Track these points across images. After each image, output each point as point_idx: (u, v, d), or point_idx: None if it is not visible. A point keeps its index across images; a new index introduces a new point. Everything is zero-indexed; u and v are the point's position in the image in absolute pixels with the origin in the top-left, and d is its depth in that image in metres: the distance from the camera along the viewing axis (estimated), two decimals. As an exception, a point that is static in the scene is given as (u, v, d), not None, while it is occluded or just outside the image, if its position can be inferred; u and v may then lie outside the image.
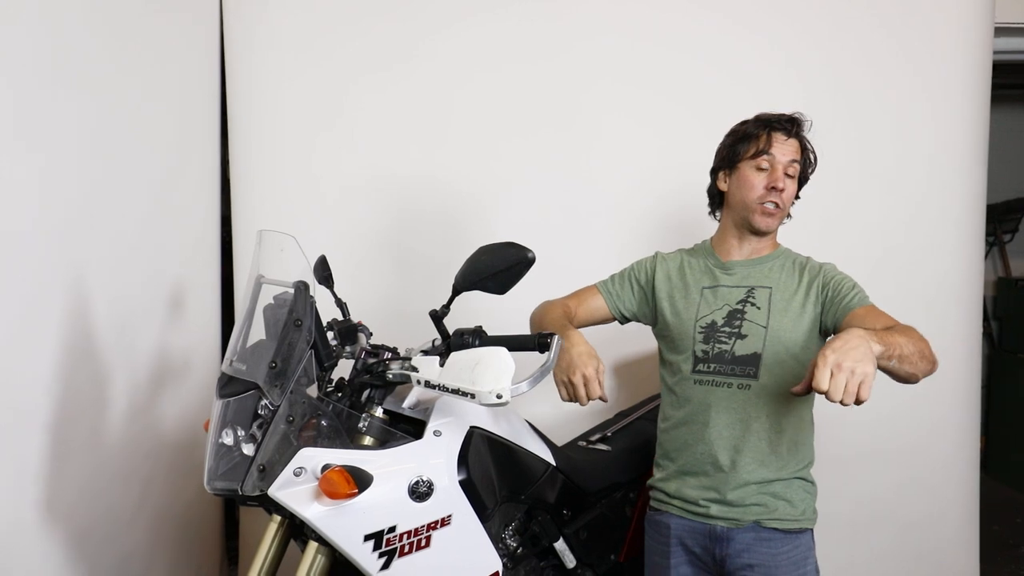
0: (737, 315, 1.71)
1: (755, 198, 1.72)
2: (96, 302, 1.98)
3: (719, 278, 1.77)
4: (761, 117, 1.77)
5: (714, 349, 1.71)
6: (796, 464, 1.69)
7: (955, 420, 2.71)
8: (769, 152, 1.71)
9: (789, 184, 1.72)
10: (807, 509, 1.70)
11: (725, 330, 1.71)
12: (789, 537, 1.66)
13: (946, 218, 2.65)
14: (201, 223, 2.61)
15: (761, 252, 1.78)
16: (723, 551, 1.68)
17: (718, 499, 1.68)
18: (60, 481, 1.86)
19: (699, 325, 1.74)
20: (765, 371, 1.66)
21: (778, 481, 1.66)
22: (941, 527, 2.72)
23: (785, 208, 1.74)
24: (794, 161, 1.72)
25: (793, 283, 1.72)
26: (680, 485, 1.75)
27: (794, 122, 1.75)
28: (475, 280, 1.50)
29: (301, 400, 1.45)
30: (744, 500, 1.66)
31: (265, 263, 1.59)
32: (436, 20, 2.62)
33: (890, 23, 2.62)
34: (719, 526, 1.68)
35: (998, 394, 4.74)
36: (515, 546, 1.76)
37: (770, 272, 1.74)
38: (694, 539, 1.72)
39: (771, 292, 1.71)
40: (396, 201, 2.64)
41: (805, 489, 1.70)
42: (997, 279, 5.02)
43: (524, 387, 1.37)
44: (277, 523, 1.55)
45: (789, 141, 1.72)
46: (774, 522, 1.65)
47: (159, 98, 2.31)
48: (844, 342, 1.29)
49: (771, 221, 1.73)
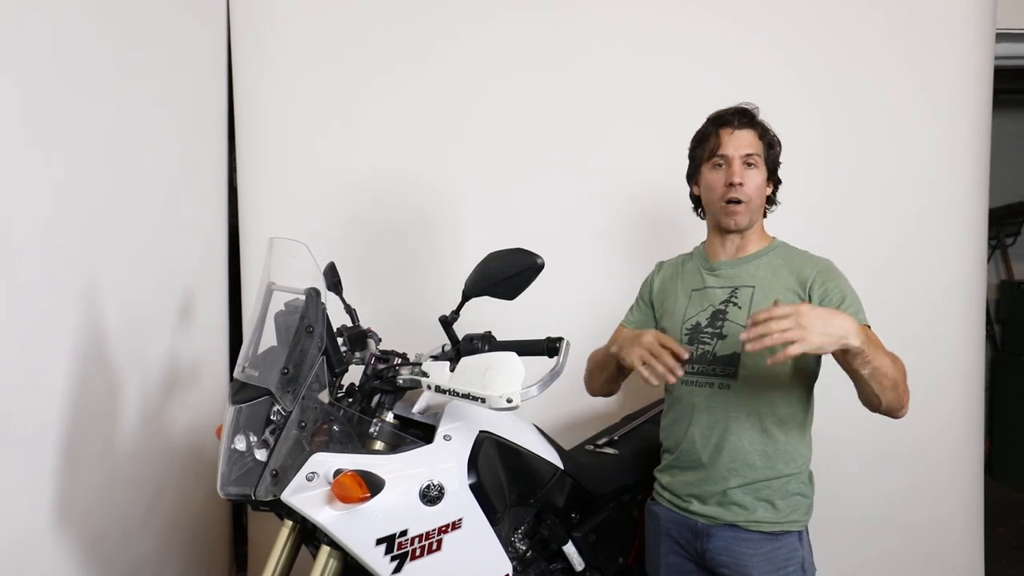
0: (719, 316, 1.71)
1: (717, 197, 1.72)
2: (108, 309, 2.00)
3: (706, 280, 1.78)
4: (712, 115, 1.77)
5: (698, 350, 1.71)
6: (782, 466, 1.66)
7: (959, 423, 2.71)
8: (721, 149, 1.71)
9: (751, 175, 1.70)
10: (794, 511, 1.67)
11: (708, 331, 1.71)
12: (769, 538, 1.65)
13: (949, 222, 2.66)
14: (209, 229, 2.63)
15: (747, 249, 1.76)
16: (703, 546, 1.70)
17: (699, 496, 1.70)
18: (73, 488, 1.87)
19: (685, 327, 1.75)
20: (744, 371, 1.65)
21: (761, 483, 1.65)
22: (946, 530, 2.72)
23: (752, 200, 1.70)
24: (750, 152, 1.70)
25: (779, 282, 1.68)
26: (671, 479, 1.78)
27: (743, 112, 1.73)
28: (485, 286, 1.52)
29: (313, 406, 1.46)
30: (723, 500, 1.67)
31: (276, 270, 1.61)
32: (444, 25, 2.64)
33: (893, 29, 2.63)
34: (700, 522, 1.70)
35: (1001, 397, 4.74)
36: (524, 549, 1.77)
37: (756, 271, 1.72)
38: (679, 531, 1.75)
39: (754, 291, 1.69)
40: (404, 207, 2.66)
41: (792, 491, 1.67)
42: (1000, 282, 5.03)
43: (534, 391, 1.39)
44: (289, 528, 1.57)
45: (742, 133, 1.71)
46: (752, 524, 1.65)
47: (169, 106, 2.33)
48: (831, 312, 1.38)
49: (739, 218, 1.70)
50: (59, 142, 1.82)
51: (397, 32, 2.64)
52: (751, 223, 1.73)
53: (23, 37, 1.69)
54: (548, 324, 1.99)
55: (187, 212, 2.46)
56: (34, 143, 1.73)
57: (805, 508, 1.70)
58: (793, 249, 1.77)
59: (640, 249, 2.64)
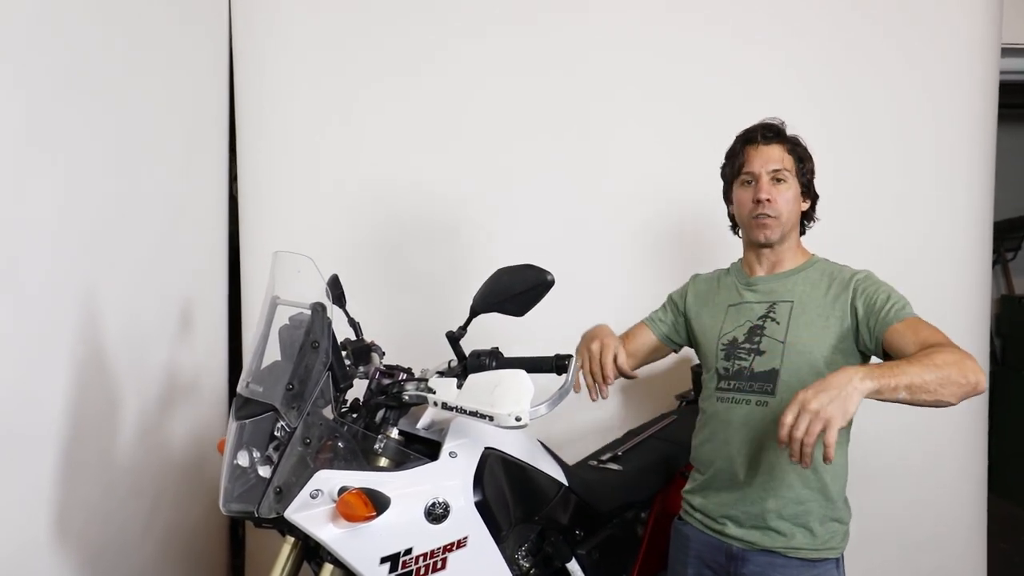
0: (757, 331, 1.68)
1: (747, 214, 1.71)
2: (108, 320, 1.98)
3: (744, 295, 1.75)
4: (740, 133, 1.77)
5: (734, 366, 1.68)
6: (822, 490, 1.62)
7: (962, 439, 2.70)
8: (748, 166, 1.70)
9: (780, 190, 1.68)
10: (832, 538, 1.63)
11: (745, 346, 1.68)
12: (807, 565, 1.61)
13: (955, 237, 2.66)
14: (210, 240, 2.62)
15: (784, 265, 1.73)
16: (737, 570, 1.65)
17: (734, 518, 1.66)
18: (72, 500, 1.85)
19: (721, 342, 1.73)
20: (784, 387, 1.60)
21: (799, 506, 1.61)
22: (948, 547, 2.71)
23: (782, 216, 1.68)
24: (778, 168, 1.69)
25: (818, 295, 1.65)
26: (704, 500, 1.73)
27: (768, 127, 1.73)
28: (494, 302, 1.51)
29: (318, 422, 1.44)
30: (761, 524, 1.63)
31: (280, 284, 1.59)
32: (446, 33, 2.63)
33: (901, 44, 2.64)
34: (735, 546, 1.65)
35: (1001, 411, 4.70)
36: (528, 567, 1.75)
37: (794, 286, 1.69)
38: (711, 554, 1.70)
39: (792, 306, 1.66)
40: (406, 217, 2.65)
41: (831, 516, 1.63)
42: (1000, 296, 5.03)
43: (543, 410, 1.37)
44: (291, 545, 1.54)
45: (769, 148, 1.70)
46: (791, 551, 1.61)
47: (170, 114, 2.32)
48: (825, 380, 1.29)
49: (769, 232, 1.69)
50: (61, 152, 1.81)
51: (399, 39, 2.63)
52: (783, 237, 1.71)
53: (31, 53, 1.68)
54: (552, 338, 1.98)
55: (188, 222, 2.45)
56: (36, 145, 1.72)
57: (842, 535, 1.66)
58: (832, 264, 1.74)
59: (648, 258, 2.64)
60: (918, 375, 1.33)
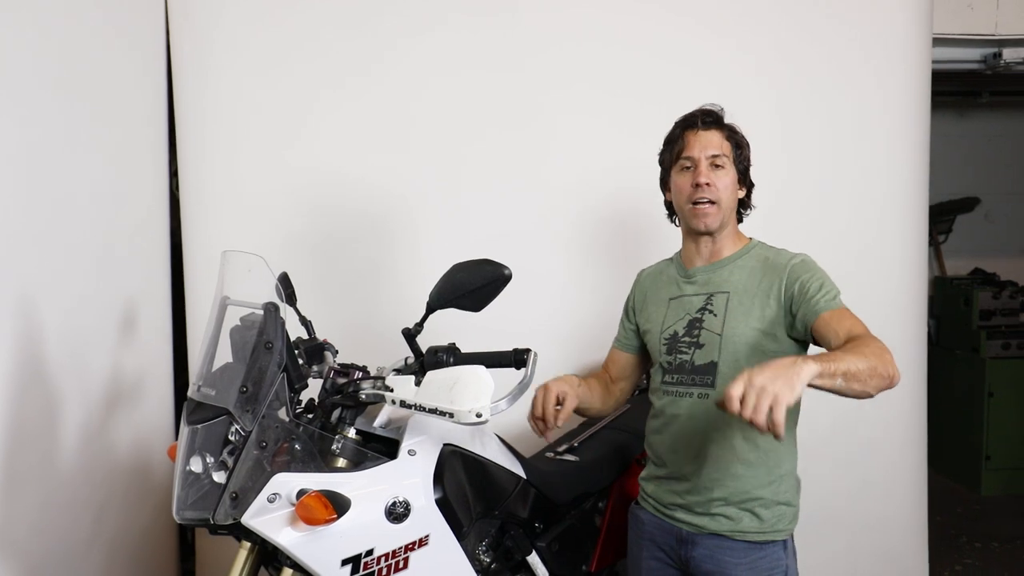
0: (696, 324, 1.70)
1: (685, 200, 1.71)
2: (45, 323, 1.91)
3: (683, 288, 1.77)
4: (678, 119, 1.78)
5: (676, 360, 1.71)
6: (765, 472, 1.66)
7: (903, 421, 2.80)
8: (687, 151, 1.71)
9: (719, 176, 1.68)
10: (779, 520, 1.66)
11: (685, 340, 1.71)
12: (754, 547, 1.65)
13: (892, 220, 2.73)
14: (151, 239, 2.54)
15: (722, 253, 1.74)
16: (687, 553, 1.69)
17: (683, 505, 1.70)
18: (10, 512, 1.79)
19: (663, 337, 1.75)
20: (723, 380, 1.63)
21: (745, 492, 1.65)
22: (893, 526, 2.79)
23: (722, 201, 1.69)
24: (717, 153, 1.69)
25: (753, 284, 1.67)
26: (656, 488, 1.77)
27: (708, 113, 1.73)
28: (450, 298, 1.50)
29: (273, 424, 1.42)
30: (708, 510, 1.67)
31: (230, 284, 1.55)
32: (391, 34, 2.58)
33: (850, 35, 2.69)
34: (684, 530, 1.70)
35: (934, 389, 4.90)
36: (488, 562, 1.75)
37: (730, 275, 1.71)
38: (663, 537, 1.74)
39: (728, 297, 1.68)
40: (355, 214, 2.60)
41: (777, 500, 1.66)
42: (934, 278, 5.21)
43: (503, 405, 1.37)
44: (247, 550, 1.50)
45: (708, 133, 1.70)
46: (737, 534, 1.65)
47: (105, 111, 2.24)
48: (768, 363, 1.29)
49: (708, 219, 1.69)
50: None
51: (346, 38, 2.57)
52: (722, 225, 1.72)
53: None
54: (509, 331, 1.98)
55: (127, 221, 2.37)
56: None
57: (790, 517, 1.70)
58: (770, 248, 1.75)
59: (603, 251, 2.64)
60: (854, 363, 1.36)
